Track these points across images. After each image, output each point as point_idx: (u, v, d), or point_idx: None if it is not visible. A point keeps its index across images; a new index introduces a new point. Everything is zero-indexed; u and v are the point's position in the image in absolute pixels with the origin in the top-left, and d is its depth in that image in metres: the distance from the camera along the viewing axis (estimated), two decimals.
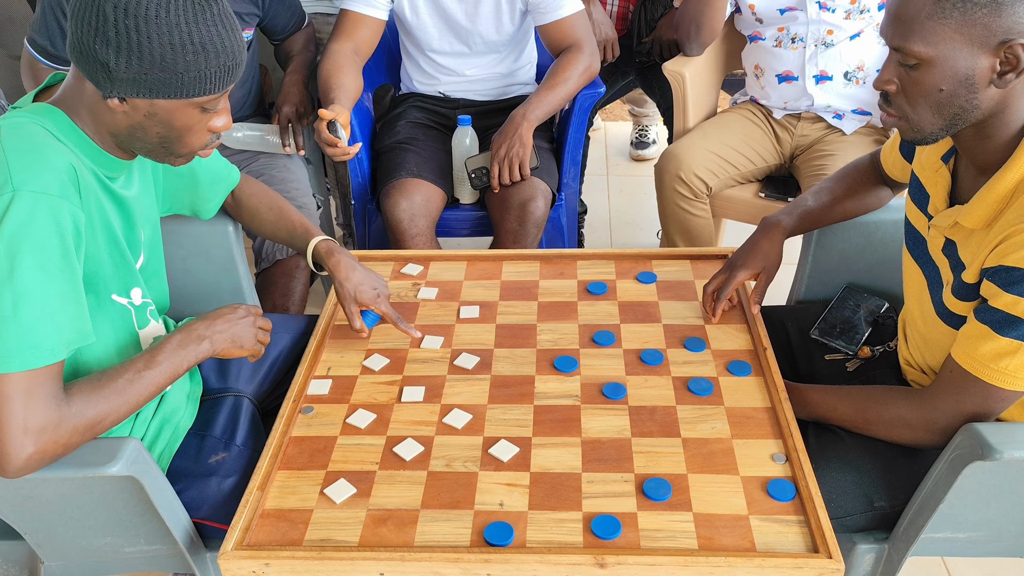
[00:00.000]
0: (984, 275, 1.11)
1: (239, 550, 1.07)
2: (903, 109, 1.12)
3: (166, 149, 1.15)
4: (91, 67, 1.04)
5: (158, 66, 1.03)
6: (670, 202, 2.24)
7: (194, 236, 1.55)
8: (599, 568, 1.03)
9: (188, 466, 1.29)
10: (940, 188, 1.21)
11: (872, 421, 1.24)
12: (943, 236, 1.21)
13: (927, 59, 1.05)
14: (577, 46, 2.10)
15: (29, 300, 1.01)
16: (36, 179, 1.03)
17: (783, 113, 2.27)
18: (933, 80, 1.06)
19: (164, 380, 1.16)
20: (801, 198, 1.53)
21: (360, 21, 2.08)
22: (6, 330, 1.00)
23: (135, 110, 1.08)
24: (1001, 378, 1.09)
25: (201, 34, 1.04)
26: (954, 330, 1.18)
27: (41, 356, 1.02)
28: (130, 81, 1.04)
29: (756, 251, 1.46)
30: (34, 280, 1.01)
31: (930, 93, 1.07)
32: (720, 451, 1.19)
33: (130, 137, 1.13)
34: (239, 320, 1.25)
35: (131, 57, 1.02)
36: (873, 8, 2.09)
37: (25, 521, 1.20)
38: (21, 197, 1.01)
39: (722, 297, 1.45)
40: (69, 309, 1.05)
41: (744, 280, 1.45)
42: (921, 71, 1.07)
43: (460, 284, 1.60)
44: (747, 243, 1.49)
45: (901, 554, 1.22)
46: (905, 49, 1.06)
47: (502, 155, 1.99)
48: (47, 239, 1.02)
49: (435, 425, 1.26)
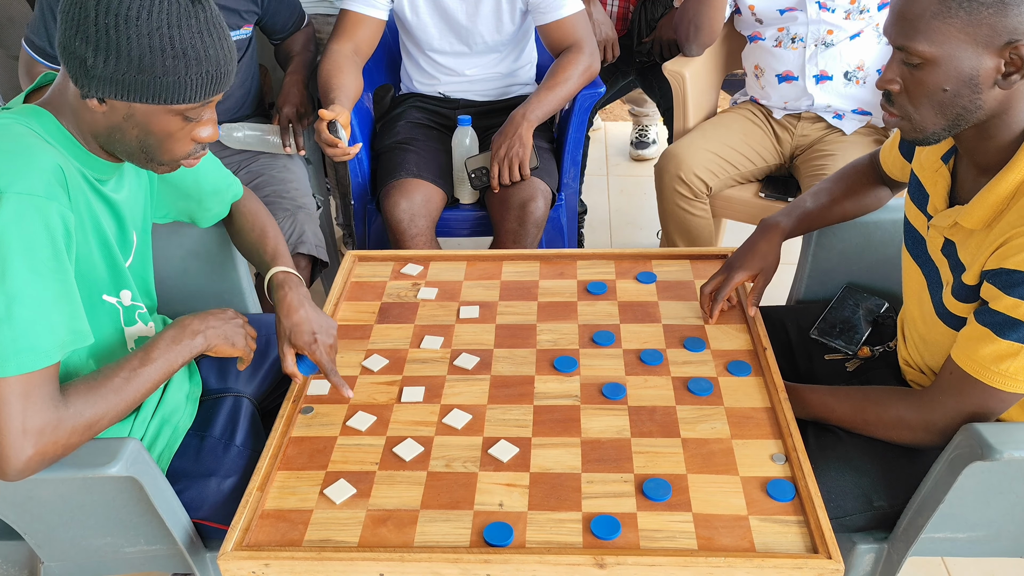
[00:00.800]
0: (984, 277, 1.11)
1: (239, 550, 1.07)
2: (906, 109, 1.11)
3: (146, 155, 1.13)
4: (71, 64, 1.03)
5: (135, 68, 1.02)
6: (670, 202, 2.24)
7: (194, 237, 1.55)
8: (599, 568, 1.03)
9: (188, 466, 1.29)
10: (940, 188, 1.21)
11: (871, 422, 1.24)
12: (942, 236, 1.20)
13: (931, 58, 1.05)
14: (577, 46, 2.10)
15: (22, 303, 1.00)
16: (22, 180, 1.01)
17: (783, 113, 2.27)
18: (937, 80, 1.06)
19: (160, 376, 1.16)
20: (800, 199, 1.53)
21: (360, 21, 2.08)
22: (1, 334, 0.99)
23: (113, 111, 1.07)
24: (1001, 380, 1.09)
25: (183, 40, 1.02)
26: (954, 331, 1.18)
27: (38, 359, 1.01)
28: (107, 80, 1.03)
29: (754, 252, 1.46)
30: (26, 282, 1.00)
31: (933, 93, 1.07)
32: (720, 451, 1.19)
33: (110, 139, 1.11)
34: (229, 320, 1.26)
35: (108, 56, 1.01)
36: (873, 8, 2.09)
37: (25, 521, 1.20)
38: (7, 199, 0.99)
39: (720, 298, 1.44)
40: (64, 310, 1.05)
41: (742, 281, 1.45)
42: (925, 70, 1.06)
43: (460, 284, 1.60)
44: (745, 244, 1.49)
45: (901, 554, 1.22)
46: (909, 48, 1.06)
47: (502, 155, 2.00)
48: (36, 241, 1.01)
49: (435, 425, 1.26)
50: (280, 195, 2.03)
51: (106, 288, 1.20)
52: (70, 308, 1.06)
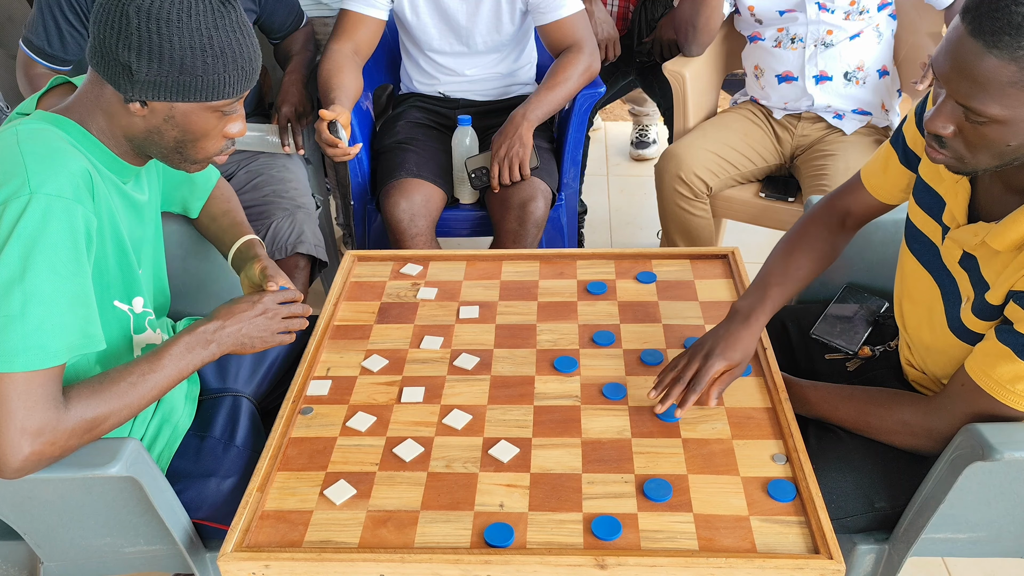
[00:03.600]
0: (1012, 297, 1.08)
1: (239, 551, 1.07)
2: (959, 152, 1.05)
3: (181, 155, 1.16)
4: (113, 70, 1.06)
5: (178, 69, 1.06)
6: (670, 202, 2.24)
7: (194, 235, 1.55)
8: (599, 569, 1.03)
9: (187, 466, 1.29)
10: (960, 200, 1.17)
11: (874, 424, 1.24)
12: (961, 249, 1.17)
13: (1001, 120, 0.99)
14: (577, 46, 2.10)
15: (38, 302, 1.01)
16: (52, 182, 1.04)
17: (783, 113, 2.27)
18: (1003, 137, 1.00)
19: (167, 383, 1.16)
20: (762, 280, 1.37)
21: (360, 21, 2.08)
22: (12, 330, 1.00)
23: (154, 114, 1.10)
24: (1015, 400, 1.09)
25: (220, 39, 1.07)
26: (968, 345, 1.17)
27: (45, 358, 1.02)
28: (151, 84, 1.07)
29: (737, 344, 1.28)
30: (45, 282, 1.02)
31: (995, 146, 1.02)
32: (720, 452, 1.19)
33: (146, 141, 1.14)
34: (252, 319, 1.25)
35: (152, 60, 1.05)
36: (873, 9, 2.09)
37: (25, 521, 1.20)
38: (37, 199, 1.02)
39: (697, 388, 1.24)
40: (78, 313, 1.06)
41: (720, 373, 1.26)
42: (990, 128, 1.00)
43: (460, 284, 1.60)
44: (724, 333, 1.29)
45: (901, 555, 1.22)
46: (977, 110, 0.99)
47: (502, 155, 1.99)
48: (60, 242, 1.03)
49: (435, 426, 1.26)
50: (279, 195, 2.03)
51: (118, 294, 1.21)
52: (85, 312, 1.07)
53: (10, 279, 1.00)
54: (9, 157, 1.05)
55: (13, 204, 1.01)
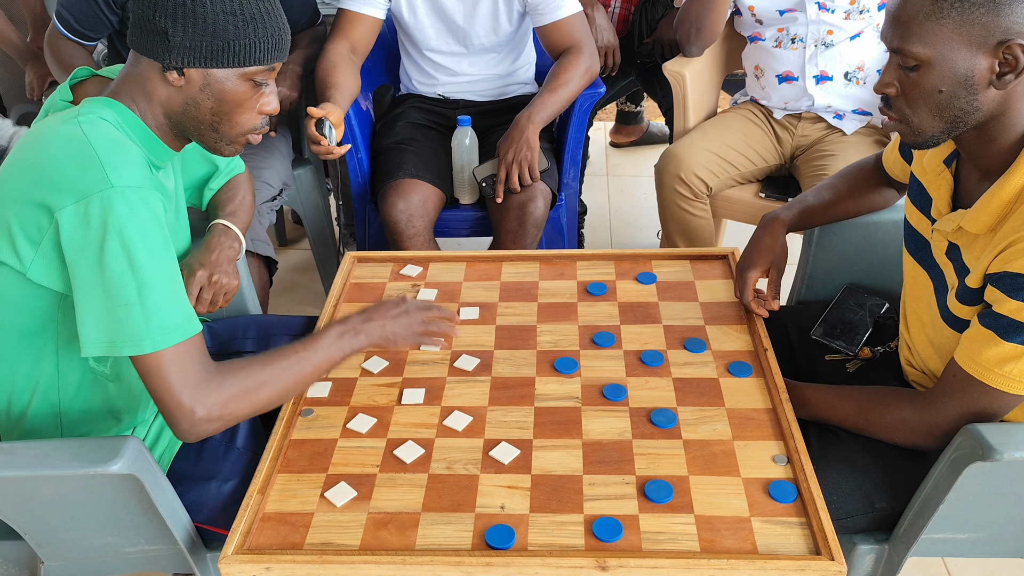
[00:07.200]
0: (988, 280, 1.11)
1: (240, 554, 1.06)
2: (903, 112, 1.12)
3: (217, 132, 1.19)
4: (150, 40, 1.11)
5: (211, 33, 1.10)
6: (670, 202, 2.24)
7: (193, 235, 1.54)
8: (601, 571, 1.03)
9: (188, 469, 1.29)
10: (943, 192, 1.21)
11: (874, 423, 1.24)
12: (946, 240, 1.20)
13: (926, 60, 1.05)
14: (576, 47, 2.10)
15: (152, 286, 1.07)
16: (126, 174, 1.08)
17: (783, 113, 2.27)
18: (932, 81, 1.07)
19: (324, 364, 1.20)
20: (802, 195, 1.53)
21: (357, 20, 2.08)
22: (134, 315, 1.05)
23: (190, 84, 1.14)
24: (1005, 383, 1.09)
25: (251, 6, 1.11)
26: (958, 333, 1.18)
27: (176, 334, 1.08)
28: (186, 49, 1.10)
29: (760, 248, 1.46)
30: (151, 267, 1.07)
31: (930, 95, 1.08)
32: (721, 453, 1.19)
33: (184, 115, 1.17)
34: (395, 317, 1.28)
35: (187, 24, 1.09)
36: (873, 8, 2.09)
37: (25, 521, 1.20)
38: (122, 192, 1.06)
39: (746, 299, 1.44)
40: (180, 290, 1.11)
41: (756, 279, 1.45)
42: (920, 73, 1.07)
43: (459, 285, 1.60)
44: (750, 243, 1.49)
45: (901, 555, 1.22)
46: (904, 50, 1.06)
47: (510, 159, 1.99)
48: (151, 228, 1.08)
49: (435, 427, 1.26)
50: None
51: None
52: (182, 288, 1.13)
53: (121, 272, 1.05)
54: (80, 150, 1.08)
55: (96, 200, 1.04)
